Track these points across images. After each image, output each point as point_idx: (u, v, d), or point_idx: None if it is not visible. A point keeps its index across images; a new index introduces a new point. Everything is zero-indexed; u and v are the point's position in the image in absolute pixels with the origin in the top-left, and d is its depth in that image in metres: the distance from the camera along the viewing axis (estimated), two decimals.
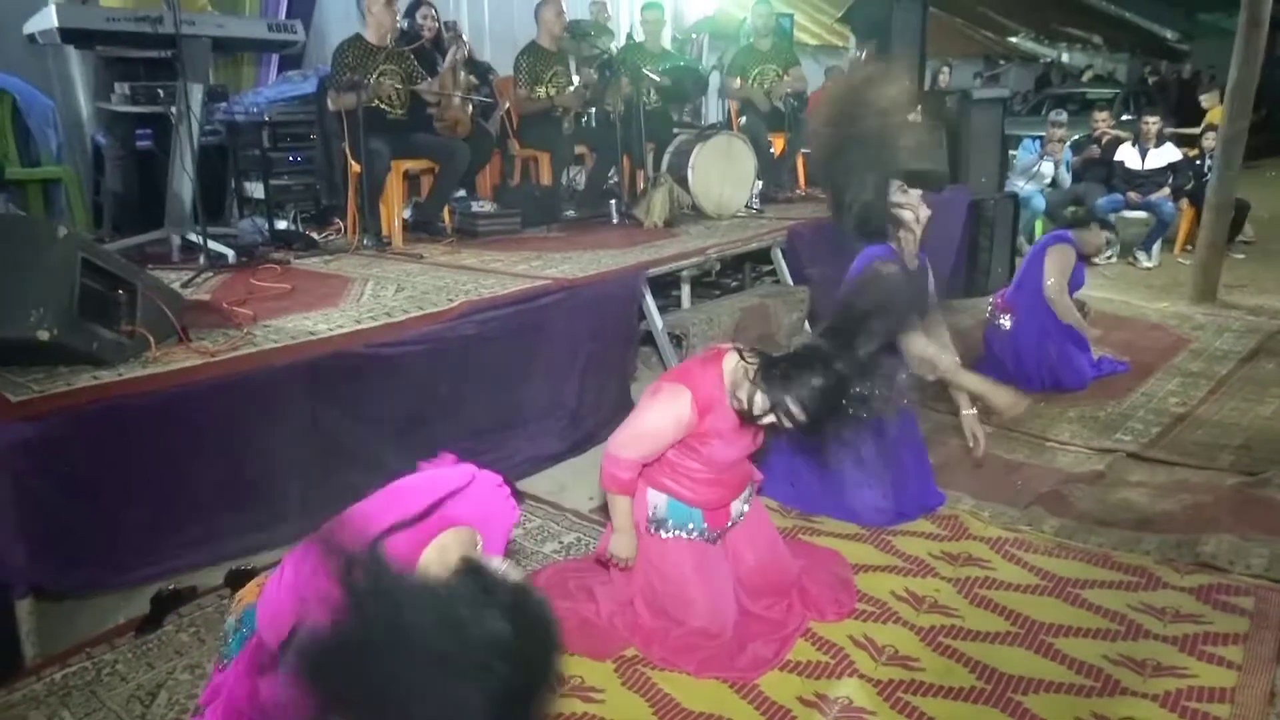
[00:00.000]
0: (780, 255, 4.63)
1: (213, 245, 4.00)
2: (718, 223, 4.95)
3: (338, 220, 4.83)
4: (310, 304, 3.29)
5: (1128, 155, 7.47)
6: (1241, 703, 2.18)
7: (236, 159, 5.08)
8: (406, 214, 4.94)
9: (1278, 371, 4.74)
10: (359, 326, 2.99)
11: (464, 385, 3.29)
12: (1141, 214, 7.34)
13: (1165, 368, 4.83)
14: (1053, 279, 4.50)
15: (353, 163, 4.46)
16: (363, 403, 3.03)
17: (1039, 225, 7.71)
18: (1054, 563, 2.89)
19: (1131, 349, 4.99)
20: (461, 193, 5.39)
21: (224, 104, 5.13)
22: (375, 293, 3.44)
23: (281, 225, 4.91)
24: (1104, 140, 7.95)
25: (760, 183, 5.43)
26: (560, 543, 3.05)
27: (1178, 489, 3.38)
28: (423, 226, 4.88)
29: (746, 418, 2.24)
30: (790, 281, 4.60)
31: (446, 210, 4.98)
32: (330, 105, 4.44)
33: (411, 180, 5.23)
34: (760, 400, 2.19)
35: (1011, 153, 7.49)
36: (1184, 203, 7.44)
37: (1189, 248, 7.67)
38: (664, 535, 2.46)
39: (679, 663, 2.38)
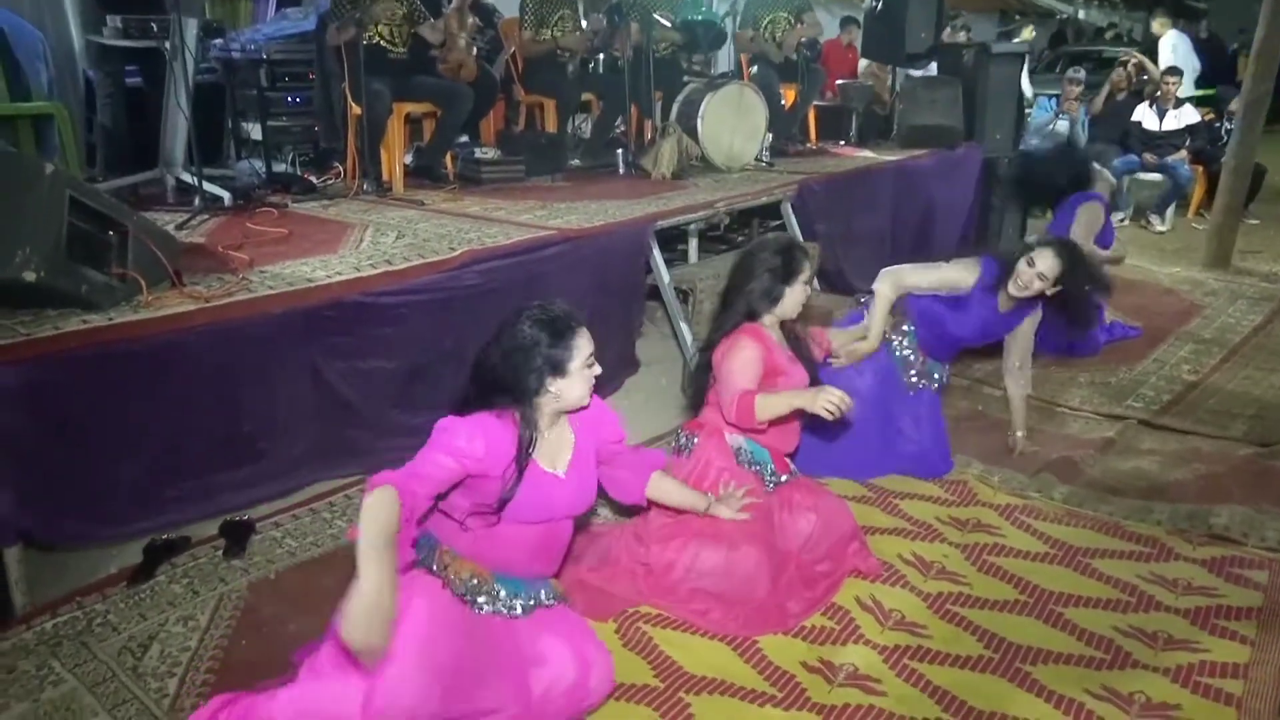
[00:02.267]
0: (790, 210, 4.52)
1: (208, 187, 3.89)
2: (727, 175, 4.83)
3: (337, 164, 4.69)
4: (308, 250, 3.20)
5: (1145, 116, 7.31)
6: (1255, 679, 2.14)
7: (234, 98, 4.93)
8: (408, 159, 4.81)
9: None
10: (358, 274, 2.90)
11: (466, 337, 3.20)
12: (1156, 176, 7.21)
13: (1178, 334, 4.76)
14: (1086, 236, 4.36)
15: (353, 104, 4.33)
16: (363, 354, 2.95)
17: None
18: (1064, 531, 2.84)
19: (1144, 314, 4.91)
20: (464, 138, 5.25)
21: (220, 41, 4.96)
22: (375, 239, 3.34)
23: (279, 168, 4.79)
24: (1121, 97, 7.78)
25: (771, 135, 5.30)
26: None
27: (1190, 458, 3.33)
28: (424, 172, 4.75)
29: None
30: (800, 236, 4.49)
31: (449, 156, 4.85)
32: (330, 40, 4.28)
33: (413, 124, 5.09)
34: None
35: (1026, 110, 7.32)
36: (1199, 167, 7.30)
37: (1203, 212, 7.56)
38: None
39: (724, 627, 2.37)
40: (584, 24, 5.43)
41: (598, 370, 2.04)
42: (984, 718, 2.05)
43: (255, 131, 4.93)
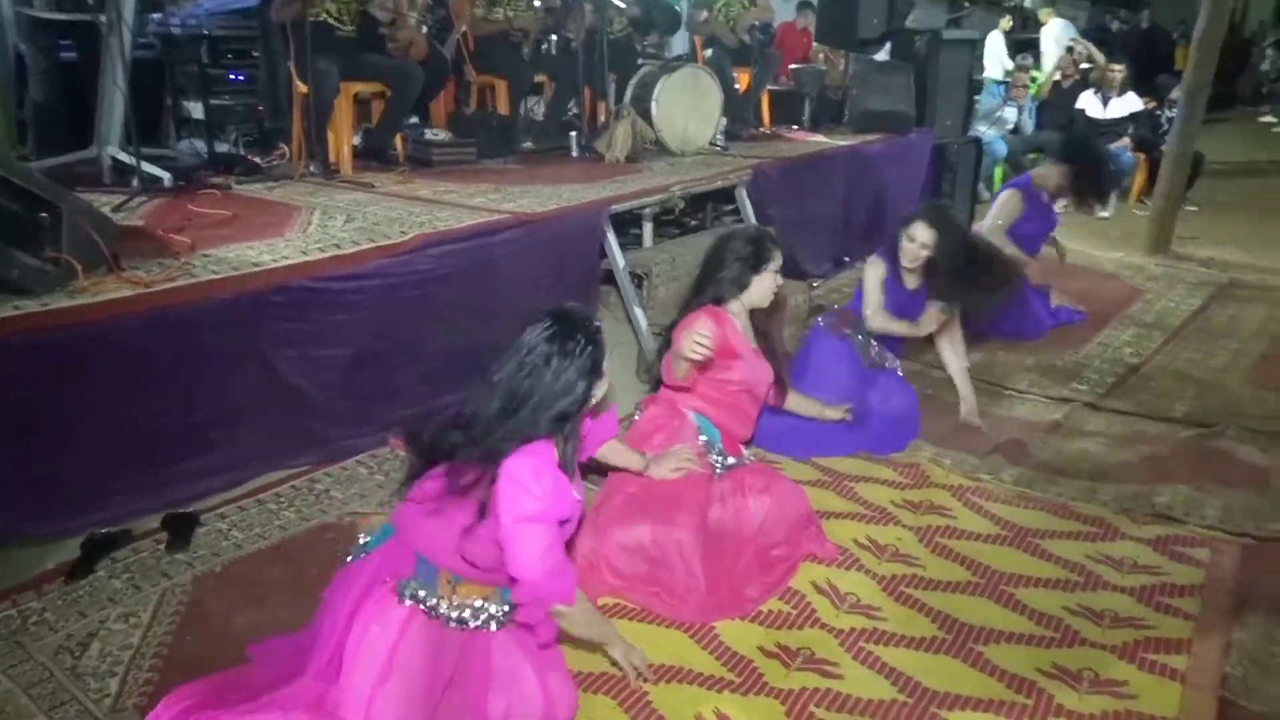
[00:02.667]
0: (745, 195, 4.51)
1: (147, 167, 3.76)
2: (681, 159, 4.80)
3: (282, 145, 4.57)
4: (254, 233, 3.11)
5: (1089, 103, 7.44)
6: (1198, 653, 2.19)
7: (174, 75, 4.77)
8: (356, 140, 4.71)
9: (1229, 324, 4.78)
10: (306, 258, 2.83)
11: (419, 324, 3.15)
12: None
13: (1120, 318, 4.86)
14: (995, 220, 4.45)
15: (299, 83, 4.21)
16: (313, 341, 2.88)
17: (999, 172, 7.68)
18: (1014, 512, 2.89)
19: (1088, 299, 5.00)
20: (414, 120, 5.15)
21: (159, 15, 4.79)
22: (323, 223, 3.26)
23: (222, 148, 4.65)
24: (1067, 85, 7.91)
25: (725, 119, 5.28)
26: None
27: (1134, 440, 3.40)
28: (373, 154, 4.66)
29: None
30: (754, 222, 4.49)
31: (399, 138, 4.76)
32: (274, 16, 4.15)
33: (362, 105, 4.98)
34: None
35: (975, 96, 7.40)
36: (1140, 154, 7.45)
37: (1144, 199, 7.72)
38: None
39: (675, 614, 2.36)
40: (537, 3, 5.35)
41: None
42: (939, 698, 2.07)
43: (197, 110, 4.77)
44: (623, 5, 5.21)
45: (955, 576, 2.55)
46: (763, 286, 2.79)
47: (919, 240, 3.28)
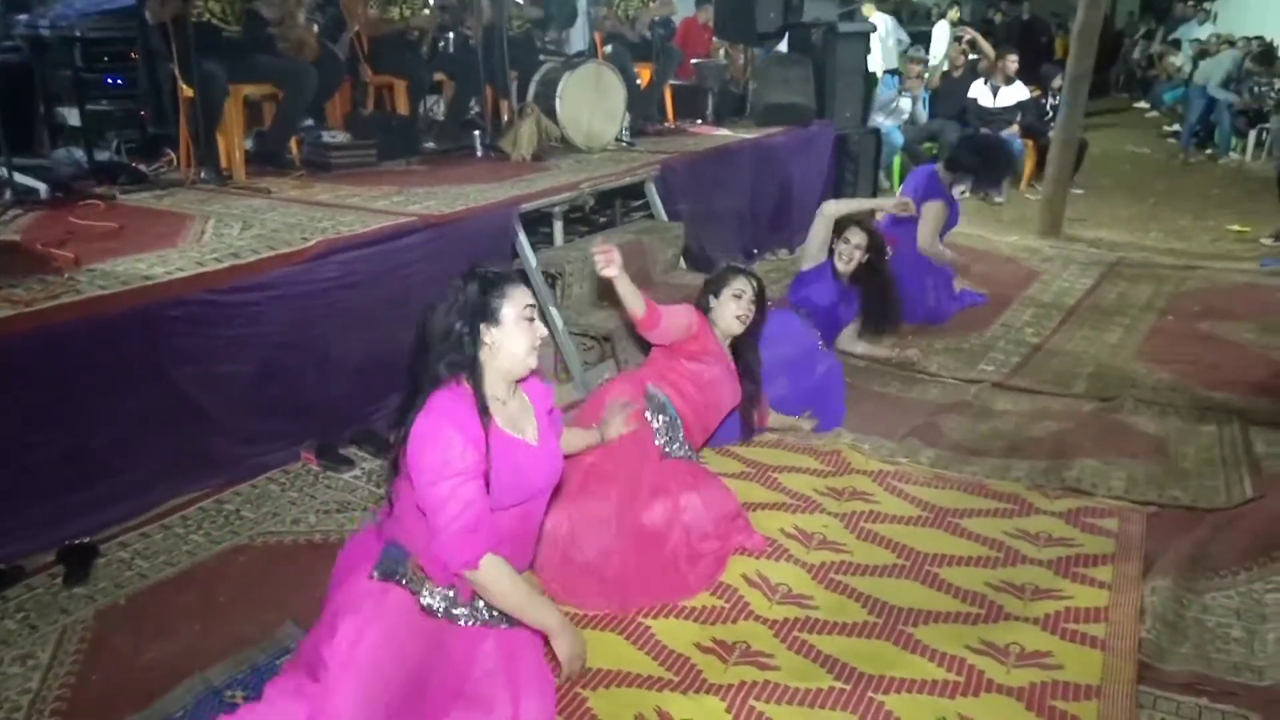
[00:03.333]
0: (654, 190, 4.50)
1: (20, 178, 3.52)
2: (588, 156, 4.76)
3: (169, 151, 4.34)
4: (144, 244, 2.93)
5: (980, 92, 7.70)
6: (1115, 620, 2.27)
7: (45, 80, 4.48)
8: (248, 144, 4.51)
9: (1119, 301, 5.01)
10: (202, 269, 2.68)
11: (329, 333, 3.04)
12: None
13: (1020, 299, 5.04)
14: (929, 233, 4.61)
15: (183, 86, 4.01)
16: (215, 356, 2.74)
17: (897, 160, 7.87)
18: (933, 493, 2.95)
19: (989, 282, 5.17)
20: (309, 122, 4.97)
21: (25, 17, 4.50)
22: (218, 231, 3.10)
23: (103, 156, 4.39)
24: (957, 75, 8.16)
25: (629, 115, 5.26)
26: None
27: (1041, 416, 3.52)
28: (267, 158, 4.47)
29: None
30: (665, 217, 4.49)
31: (294, 141, 4.58)
32: (151, 16, 3.92)
33: (252, 107, 4.78)
34: None
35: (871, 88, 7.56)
36: (1029, 140, 7.74)
37: (1034, 184, 8.03)
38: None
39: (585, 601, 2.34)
40: (433, 1, 5.23)
41: (542, 330, 1.97)
42: (874, 681, 2.08)
43: (73, 117, 4.50)
44: (521, 2, 5.13)
45: (881, 560, 2.59)
46: (724, 311, 2.99)
47: (854, 242, 3.80)
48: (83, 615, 2.25)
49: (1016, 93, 7.64)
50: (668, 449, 2.74)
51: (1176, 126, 11.06)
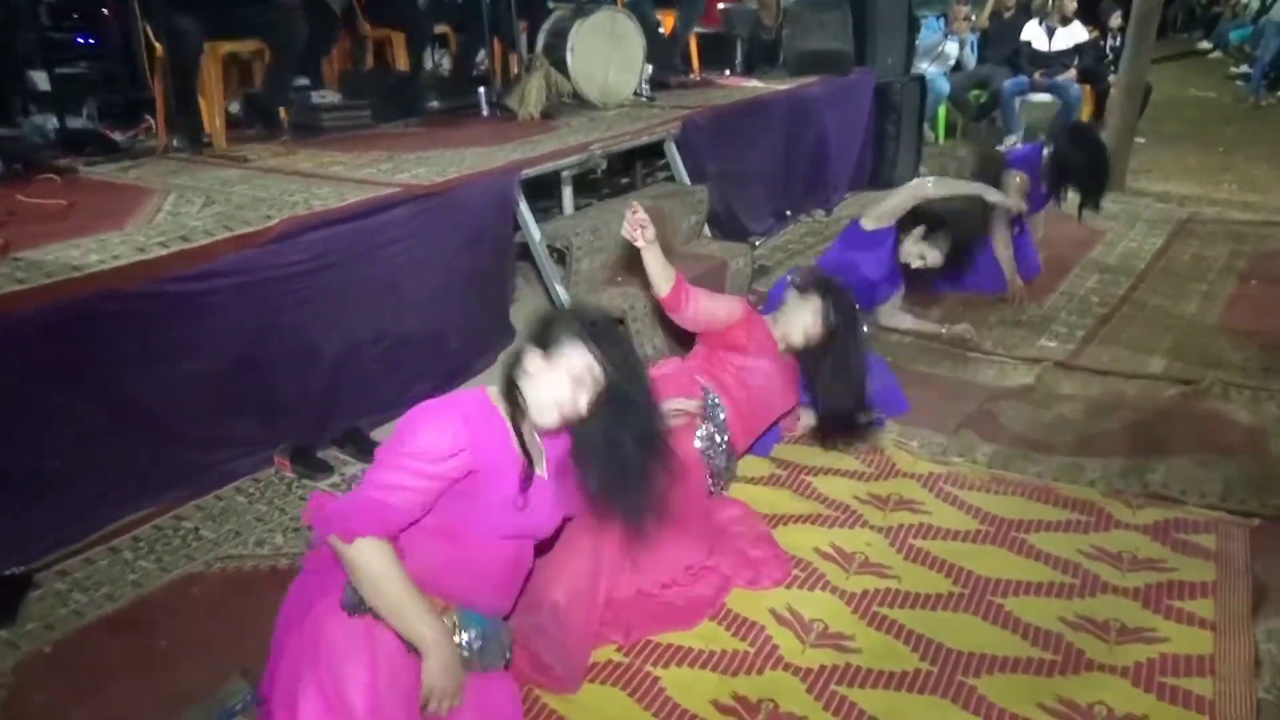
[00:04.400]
0: (675, 149, 4.07)
1: None
2: (603, 113, 4.33)
3: (147, 117, 4.00)
4: (86, 226, 2.58)
5: (1034, 35, 7.08)
6: (1223, 674, 1.87)
7: (14, 42, 4.13)
8: (234, 108, 4.15)
9: (1194, 264, 4.51)
10: (143, 256, 2.33)
11: (301, 324, 2.69)
12: (1047, 97, 7.01)
13: (1082, 263, 4.56)
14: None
15: (156, 44, 3.65)
16: (165, 356, 2.40)
17: (942, 111, 7.32)
18: (992, 500, 2.55)
19: (1047, 243, 4.68)
20: (304, 81, 4.59)
21: None
22: (176, 209, 2.74)
23: (77, 123, 4.06)
24: (1008, 15, 7.55)
25: (650, 67, 4.80)
26: None
27: (1115, 403, 3.09)
28: (261, 122, 4.09)
29: None
30: (687, 180, 4.06)
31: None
32: None
33: (242, 66, 4.41)
34: None
35: (915, 32, 6.99)
36: (1086, 85, 7.14)
37: None
38: None
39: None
40: None
41: (581, 408, 1.70)
42: None
43: (44, 81, 4.16)
44: None
45: (935, 588, 2.21)
46: (793, 317, 2.60)
47: (928, 259, 3.44)
48: (1, 667, 1.94)
49: (1074, 34, 7.01)
50: (710, 460, 2.37)
51: (1244, 68, 10.30)
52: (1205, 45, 12.44)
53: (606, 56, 4.39)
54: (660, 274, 2.40)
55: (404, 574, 1.55)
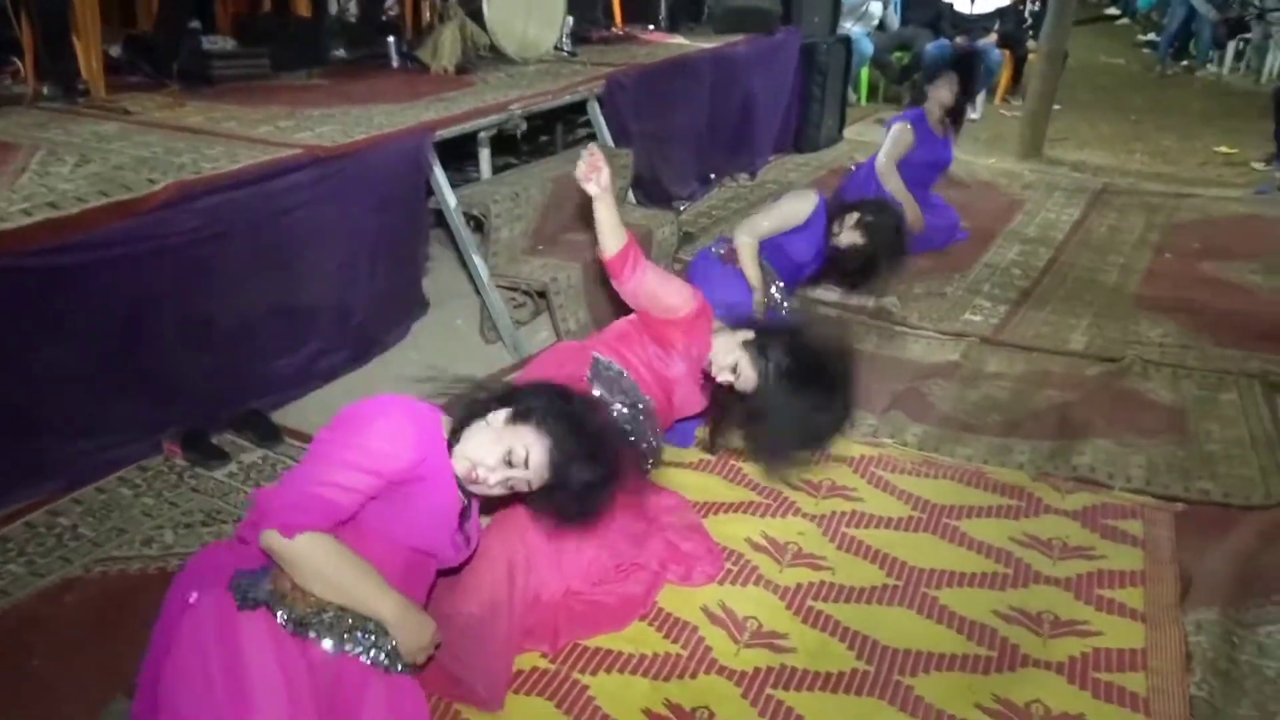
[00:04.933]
0: (598, 109, 3.88)
1: None
2: (523, 68, 4.09)
3: (14, 60, 3.60)
4: None
5: None
6: (1156, 669, 1.86)
7: None
8: (116, 50, 3.78)
9: (1110, 236, 4.57)
10: (3, 225, 2.06)
11: (194, 298, 2.45)
12: None
13: (1004, 234, 4.57)
14: (883, 156, 4.17)
15: None
16: (32, 336, 2.14)
17: (865, 73, 7.27)
18: (924, 485, 2.51)
19: (969, 212, 4.67)
20: (195, 24, 4.21)
21: None
22: (44, 169, 2.44)
23: None
24: None
25: (571, 19, 4.57)
26: None
27: (1040, 382, 3.08)
28: (149, 64, 3.72)
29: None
30: (611, 141, 3.88)
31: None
32: None
33: (125, 3, 4.03)
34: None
35: None
36: (1005, 50, 7.16)
37: (1009, 98, 7.51)
38: None
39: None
40: None
41: (491, 484, 1.62)
42: None
43: None
44: None
45: (869, 580, 2.15)
46: (721, 349, 2.26)
47: (848, 240, 3.24)
48: None
49: None
50: (629, 429, 2.24)
51: (1152, 35, 10.53)
52: (1114, 11, 12.68)
53: (526, 7, 4.14)
54: (610, 229, 2.21)
55: (353, 554, 1.51)
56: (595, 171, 2.16)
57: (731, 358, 2.21)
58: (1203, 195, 5.23)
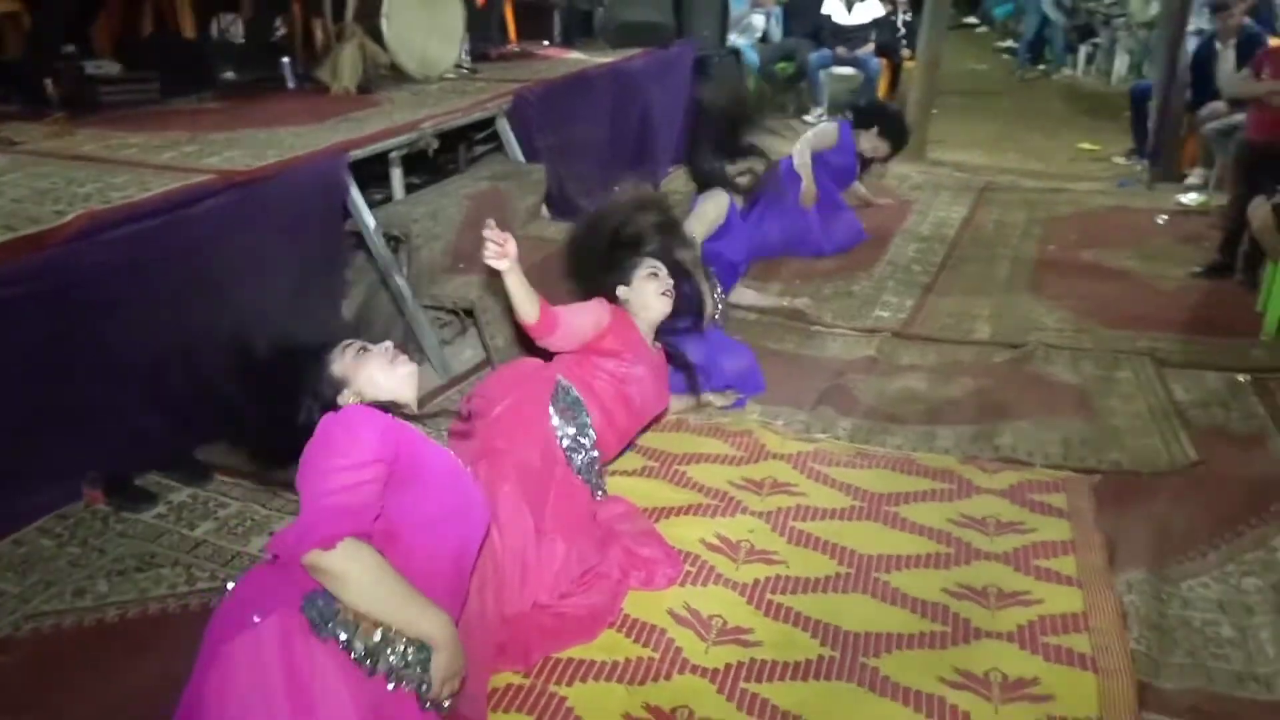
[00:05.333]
0: (506, 125, 3.87)
1: None
2: (426, 86, 4.06)
3: None
4: None
5: (834, 8, 7.34)
6: (1097, 628, 1.98)
7: None
8: None
9: (998, 231, 4.82)
10: None
11: (106, 334, 2.32)
12: (850, 70, 7.29)
13: (900, 232, 4.77)
14: (806, 138, 4.35)
15: None
16: None
17: (752, 83, 7.46)
18: (860, 475, 2.60)
19: (865, 214, 4.86)
20: (70, 48, 4.00)
21: None
22: None
23: None
24: None
25: (468, 36, 4.55)
26: (270, 533, 2.28)
27: (953, 370, 3.24)
28: (19, 94, 3.53)
29: None
30: (521, 157, 3.88)
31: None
32: None
33: None
34: None
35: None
36: (883, 59, 7.49)
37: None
38: None
39: None
40: None
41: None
42: None
43: None
44: None
45: (822, 570, 2.22)
46: (643, 296, 2.49)
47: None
48: None
49: (871, 8, 7.33)
50: (572, 455, 2.24)
51: (1010, 42, 11.16)
52: (973, 20, 13.40)
53: (425, 25, 4.11)
54: (524, 299, 2.21)
55: (392, 570, 1.48)
56: (502, 253, 2.13)
57: (647, 271, 2.49)
58: (1074, 189, 5.59)
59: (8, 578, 2.09)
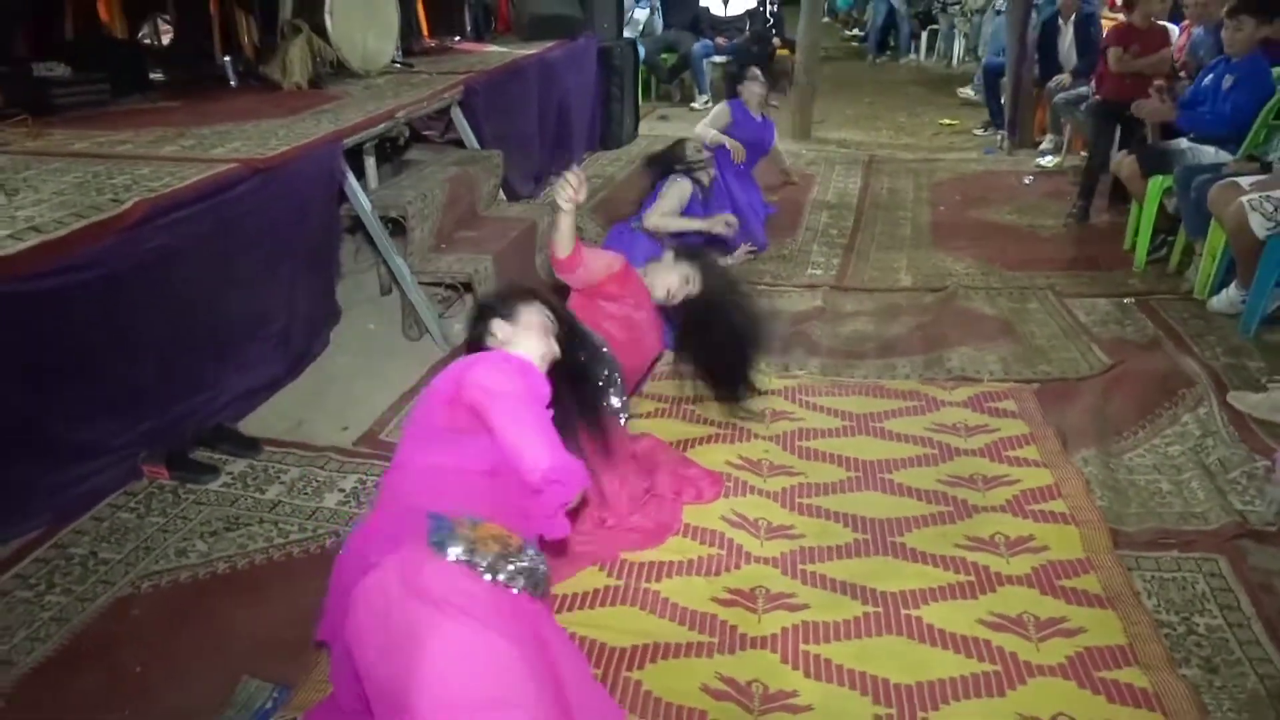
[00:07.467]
0: (460, 114, 4.07)
1: None
2: (373, 80, 4.18)
3: None
4: None
5: (712, 2, 7.78)
6: (1069, 495, 2.42)
7: None
8: None
9: (893, 197, 5.36)
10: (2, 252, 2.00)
11: (149, 315, 2.43)
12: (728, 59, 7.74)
13: (810, 202, 5.23)
14: (706, 126, 4.63)
15: None
16: (7, 374, 2.08)
17: (640, 73, 7.81)
18: (843, 401, 2.99)
19: (772, 189, 5.29)
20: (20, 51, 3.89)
21: None
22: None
23: None
24: None
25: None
26: (341, 490, 2.46)
27: (893, 313, 3.68)
28: None
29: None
30: (477, 144, 4.08)
31: None
32: None
33: None
34: None
35: None
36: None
37: None
38: None
39: None
40: None
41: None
42: (900, 598, 2.08)
43: None
44: None
45: (835, 477, 2.58)
46: (660, 278, 2.69)
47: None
48: None
49: (745, 1, 7.81)
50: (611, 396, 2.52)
51: (856, 31, 11.99)
52: None
53: (364, 21, 4.23)
54: (569, 237, 2.45)
55: None
56: (576, 194, 2.35)
57: (679, 273, 2.68)
58: (946, 159, 6.23)
59: (104, 547, 2.18)
